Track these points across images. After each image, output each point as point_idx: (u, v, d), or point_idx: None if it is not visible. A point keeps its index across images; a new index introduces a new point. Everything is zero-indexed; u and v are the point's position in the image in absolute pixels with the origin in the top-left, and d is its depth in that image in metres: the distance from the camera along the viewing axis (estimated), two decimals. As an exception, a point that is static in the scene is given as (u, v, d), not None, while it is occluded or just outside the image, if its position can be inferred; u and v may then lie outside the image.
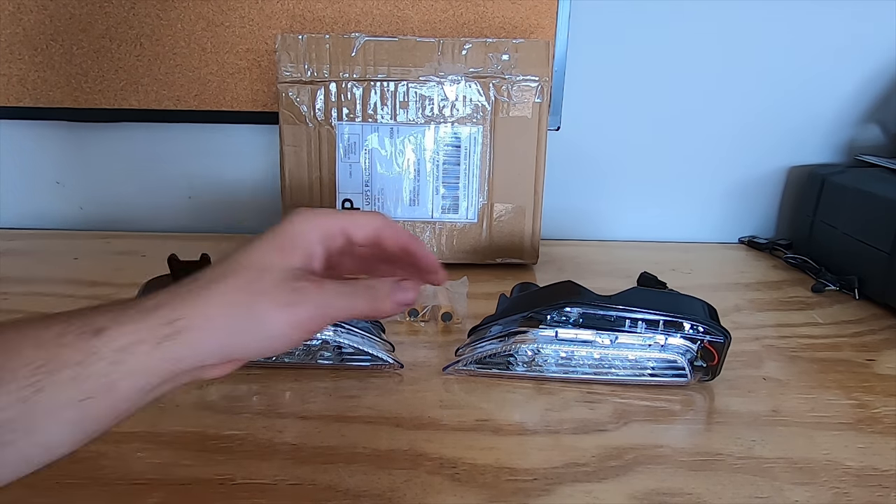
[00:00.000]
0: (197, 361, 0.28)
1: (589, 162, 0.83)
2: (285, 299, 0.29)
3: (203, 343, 0.28)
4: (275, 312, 0.28)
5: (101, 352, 0.26)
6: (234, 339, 0.28)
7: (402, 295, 0.32)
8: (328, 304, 0.30)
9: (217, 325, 0.28)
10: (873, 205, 0.64)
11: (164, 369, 0.27)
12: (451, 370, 0.47)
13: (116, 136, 0.80)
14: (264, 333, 0.28)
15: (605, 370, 0.46)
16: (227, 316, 0.28)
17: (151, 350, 0.26)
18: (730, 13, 0.76)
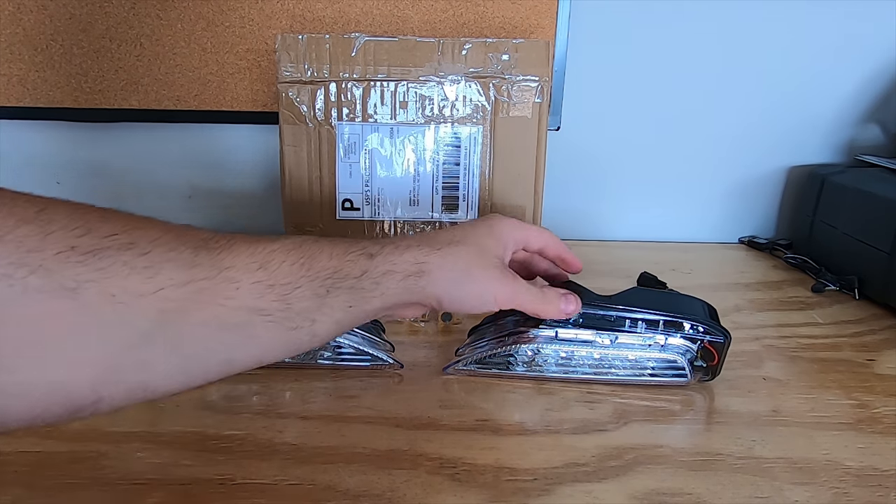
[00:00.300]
0: (420, 298, 0.36)
1: (589, 162, 0.83)
2: (496, 275, 0.38)
3: (432, 287, 0.36)
4: (487, 281, 0.38)
5: (370, 272, 0.34)
6: (451, 291, 0.37)
7: (566, 306, 0.42)
8: (518, 292, 0.40)
9: (446, 277, 0.36)
10: (873, 205, 0.64)
11: (399, 298, 0.35)
12: (452, 370, 0.47)
13: (116, 136, 0.80)
14: (474, 293, 0.38)
15: (605, 370, 0.46)
16: (455, 271, 0.37)
17: (399, 281, 0.35)
18: (730, 13, 0.76)
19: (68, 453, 0.37)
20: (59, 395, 0.25)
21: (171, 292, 0.27)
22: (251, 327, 0.29)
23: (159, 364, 0.27)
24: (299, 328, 0.31)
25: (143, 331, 0.26)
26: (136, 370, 0.27)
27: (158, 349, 0.27)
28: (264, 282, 0.30)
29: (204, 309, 0.28)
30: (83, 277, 0.25)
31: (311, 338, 0.32)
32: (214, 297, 0.28)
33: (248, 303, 0.29)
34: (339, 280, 0.33)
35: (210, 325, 0.28)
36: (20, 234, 0.24)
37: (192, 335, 0.28)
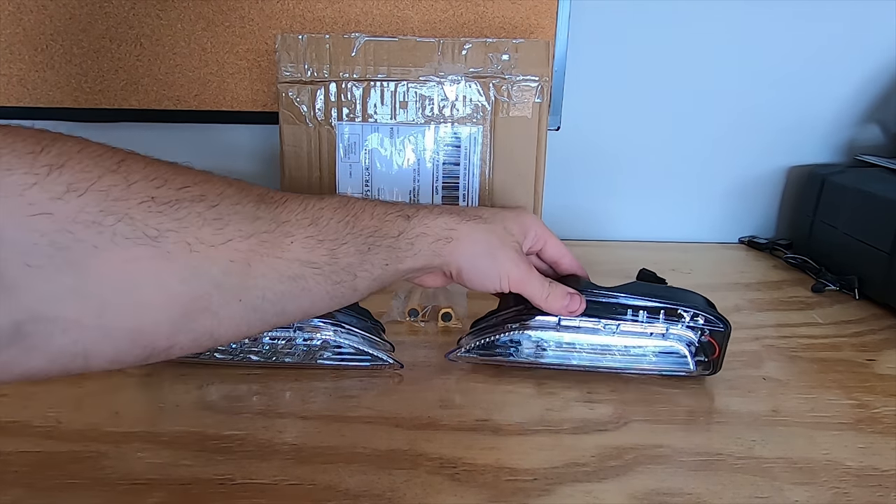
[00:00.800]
0: (443, 264, 0.39)
1: (589, 162, 0.83)
2: (513, 257, 0.40)
3: (457, 254, 0.38)
4: (503, 261, 0.40)
5: (406, 233, 0.36)
6: (471, 262, 0.39)
7: (571, 304, 0.43)
8: (530, 279, 0.41)
9: (470, 248, 0.39)
10: (873, 205, 0.64)
11: (427, 261, 0.38)
12: (454, 356, 0.47)
13: (116, 136, 0.79)
14: (490, 270, 0.40)
15: (606, 358, 0.46)
16: (479, 244, 0.39)
17: (431, 243, 0.37)
18: (730, 13, 0.76)
19: (68, 453, 0.37)
20: (140, 338, 0.28)
21: (239, 244, 0.29)
22: (303, 280, 0.32)
23: (225, 312, 0.29)
24: (343, 282, 0.34)
25: (214, 279, 0.28)
26: (207, 317, 0.29)
27: (226, 297, 0.29)
28: (315, 237, 0.32)
29: (264, 260, 0.30)
30: (164, 227, 0.27)
31: (352, 292, 0.35)
32: (273, 249, 0.30)
33: (301, 256, 0.32)
34: (380, 238, 0.35)
35: (269, 276, 0.30)
36: (106, 184, 0.26)
37: (254, 285, 0.30)
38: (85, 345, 0.26)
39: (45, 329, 0.25)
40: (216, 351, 0.46)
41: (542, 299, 0.42)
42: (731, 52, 0.78)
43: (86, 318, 0.26)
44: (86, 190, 0.25)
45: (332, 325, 0.45)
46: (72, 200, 0.25)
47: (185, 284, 0.28)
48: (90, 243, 0.25)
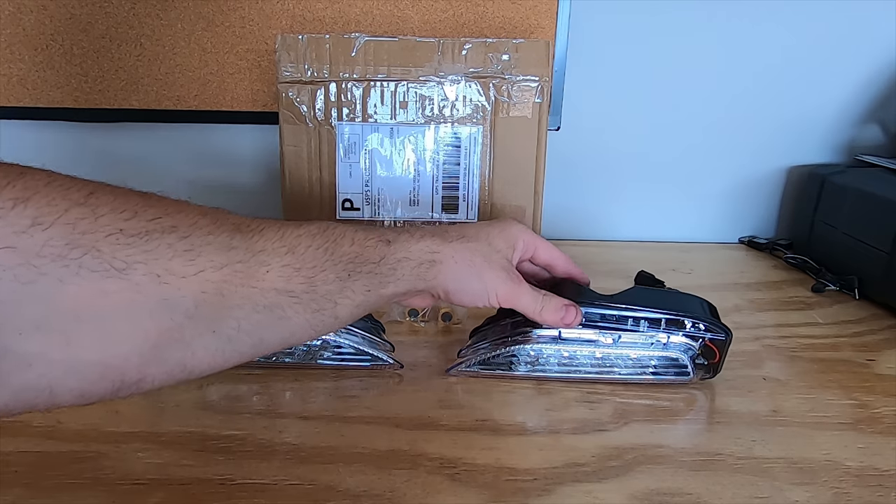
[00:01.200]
0: (428, 287, 0.38)
1: (589, 162, 0.83)
2: (501, 275, 0.40)
3: (441, 277, 0.38)
4: (491, 279, 0.40)
5: (388, 258, 0.36)
6: (457, 283, 0.39)
7: (566, 316, 0.42)
8: (521, 294, 0.41)
9: (455, 269, 0.38)
10: (873, 205, 0.64)
11: (411, 285, 0.37)
12: (455, 371, 0.47)
13: (116, 136, 0.80)
14: (478, 289, 0.40)
15: (607, 369, 0.46)
16: (463, 265, 0.39)
17: (413, 268, 0.37)
18: (730, 13, 0.76)
19: (68, 453, 0.37)
20: (109, 372, 0.27)
21: (211, 274, 0.29)
22: (280, 309, 0.31)
23: (198, 344, 0.29)
24: (323, 310, 0.33)
25: (185, 310, 0.28)
26: (178, 348, 0.28)
27: (198, 329, 0.29)
28: (292, 265, 0.32)
29: (238, 291, 0.30)
30: (132, 259, 0.26)
31: (333, 320, 0.34)
32: (248, 279, 0.30)
33: (278, 285, 0.31)
34: (360, 265, 0.35)
35: (244, 306, 0.30)
36: (73, 217, 0.25)
37: (228, 315, 0.30)
38: (50, 379, 0.26)
39: (10, 364, 0.24)
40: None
41: (535, 313, 0.42)
42: (731, 51, 0.78)
43: (52, 351, 0.25)
44: (51, 223, 0.25)
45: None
46: (36, 234, 0.24)
47: (155, 317, 0.27)
48: (55, 277, 0.25)
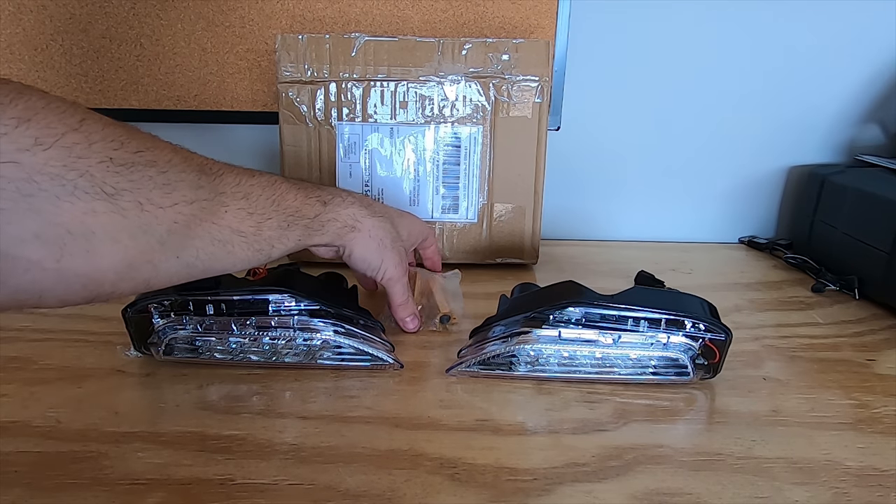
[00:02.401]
0: (341, 246, 0.46)
1: (589, 162, 0.83)
2: (396, 261, 0.49)
3: (354, 242, 0.46)
4: (389, 260, 0.48)
5: (321, 216, 0.43)
6: (364, 252, 0.47)
7: (411, 324, 0.53)
8: (399, 283, 0.50)
9: (367, 241, 0.46)
10: (873, 205, 0.64)
11: (330, 241, 0.45)
12: (455, 372, 0.47)
13: (116, 136, 0.80)
14: (375, 261, 0.48)
15: (607, 369, 0.46)
16: (375, 240, 0.47)
17: (337, 229, 0.44)
18: (730, 13, 0.76)
19: (68, 453, 0.37)
20: (90, 284, 0.30)
21: (183, 208, 0.33)
22: (230, 245, 0.36)
23: (164, 266, 0.33)
24: (262, 251, 0.38)
25: (159, 237, 0.32)
26: (148, 269, 0.32)
27: (166, 254, 0.33)
28: (245, 209, 0.37)
29: (202, 224, 0.34)
30: (120, 186, 0.30)
31: (266, 258, 0.39)
32: (211, 215, 0.35)
33: (233, 224, 0.36)
34: (299, 219, 0.41)
35: (204, 238, 0.34)
36: (69, 141, 0.28)
37: (191, 245, 0.34)
38: (42, 285, 0.29)
39: (9, 266, 0.27)
40: (216, 351, 0.46)
41: (397, 303, 0.51)
42: (731, 51, 0.78)
43: (46, 260, 0.28)
44: (51, 145, 0.27)
45: (333, 325, 0.45)
46: (38, 153, 0.27)
47: (134, 239, 0.31)
48: (52, 193, 0.27)
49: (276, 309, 0.45)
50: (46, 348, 0.50)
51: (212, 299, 0.45)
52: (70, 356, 0.48)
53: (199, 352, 0.46)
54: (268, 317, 0.45)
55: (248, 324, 0.45)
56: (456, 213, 0.69)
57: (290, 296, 0.45)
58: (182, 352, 0.46)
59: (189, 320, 0.45)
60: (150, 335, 0.46)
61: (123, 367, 0.47)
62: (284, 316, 0.45)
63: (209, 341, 0.46)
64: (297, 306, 0.45)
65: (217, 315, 0.45)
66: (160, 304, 0.45)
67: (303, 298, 0.45)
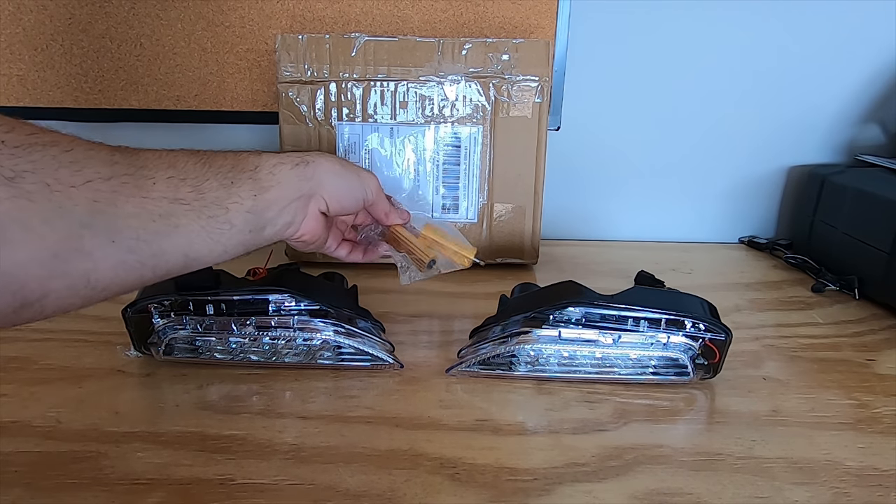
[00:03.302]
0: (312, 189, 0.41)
1: (589, 162, 0.83)
2: (366, 173, 0.45)
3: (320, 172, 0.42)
4: (366, 176, 0.45)
5: (263, 166, 0.40)
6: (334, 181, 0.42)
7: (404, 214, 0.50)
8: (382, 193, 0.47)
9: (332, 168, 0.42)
10: (873, 205, 0.64)
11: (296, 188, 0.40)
12: (455, 371, 0.47)
13: (116, 136, 0.80)
14: (353, 184, 0.44)
15: (607, 369, 0.46)
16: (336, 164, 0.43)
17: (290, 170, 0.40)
18: (729, 13, 0.76)
19: (68, 453, 0.37)
20: (9, 283, 0.27)
21: (100, 185, 0.29)
22: (174, 217, 0.33)
23: (99, 254, 0.30)
24: (216, 217, 0.35)
25: (79, 219, 0.29)
26: (79, 260, 0.29)
27: (97, 239, 0.29)
28: (176, 177, 0.34)
29: (130, 200, 0.31)
30: (19, 168, 0.27)
31: (229, 226, 0.35)
32: (138, 189, 0.31)
33: (168, 194, 0.33)
34: (239, 172, 0.38)
35: (140, 216, 0.31)
36: None
37: (125, 225, 0.30)
38: None
39: None
40: (216, 351, 0.46)
41: (386, 210, 0.48)
42: (731, 51, 0.78)
43: None
44: None
45: (333, 324, 0.45)
46: None
47: (50, 224, 0.28)
48: None
49: (276, 309, 0.45)
50: (46, 348, 0.50)
51: (212, 299, 0.45)
52: (70, 356, 0.48)
53: (199, 352, 0.46)
54: (268, 317, 0.45)
55: (248, 324, 0.45)
56: (456, 213, 0.69)
57: (290, 296, 0.45)
58: (182, 352, 0.46)
59: (189, 320, 0.45)
60: (150, 335, 0.46)
61: (123, 367, 0.47)
62: (284, 316, 0.45)
63: (209, 341, 0.46)
64: (297, 306, 0.45)
65: (217, 315, 0.45)
66: (160, 304, 0.45)
67: (303, 298, 0.45)
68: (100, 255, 0.30)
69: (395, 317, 0.57)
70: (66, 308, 0.30)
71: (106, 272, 0.30)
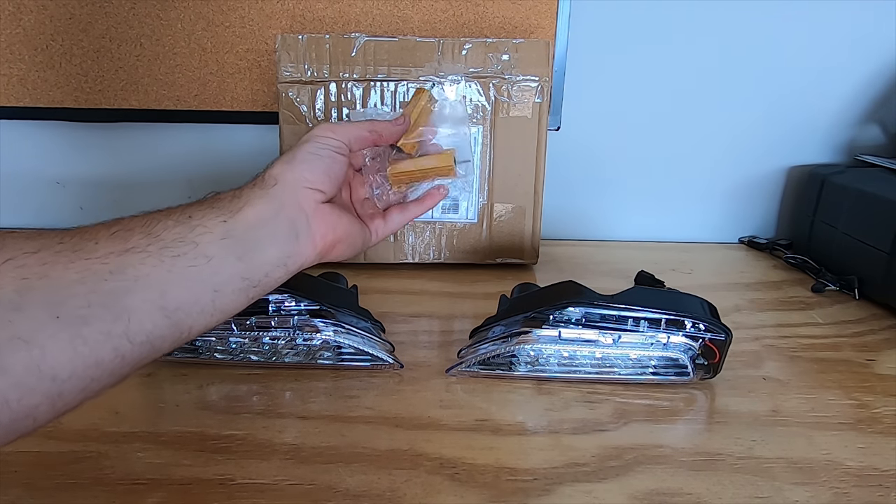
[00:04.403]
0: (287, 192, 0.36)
1: (589, 162, 0.83)
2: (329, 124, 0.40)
3: (287, 171, 0.37)
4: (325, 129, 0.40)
5: (222, 195, 0.34)
6: (305, 161, 0.38)
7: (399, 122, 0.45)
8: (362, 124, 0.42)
9: (288, 157, 0.38)
10: (873, 205, 0.64)
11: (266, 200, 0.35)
12: (455, 372, 0.47)
13: (116, 136, 0.80)
14: (325, 146, 0.39)
15: (607, 369, 0.46)
16: (291, 152, 0.38)
17: (253, 187, 0.35)
18: (730, 13, 0.76)
19: (68, 453, 0.37)
20: None
21: (25, 259, 0.26)
22: (131, 268, 0.28)
23: (44, 337, 0.25)
24: (184, 254, 0.30)
25: (8, 302, 0.24)
26: (19, 348, 0.24)
27: (36, 320, 0.25)
28: (122, 229, 0.29)
29: (71, 266, 0.26)
30: None
31: (205, 260, 0.31)
32: (78, 253, 0.27)
33: (114, 248, 0.28)
34: (196, 207, 0.33)
35: (86, 280, 0.26)
36: None
37: (69, 294, 0.26)
38: None
39: None
40: (216, 351, 0.46)
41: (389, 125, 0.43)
42: (732, 52, 0.78)
43: None
44: None
45: (333, 325, 0.45)
46: None
47: None
48: None
49: (276, 309, 0.45)
50: (46, 348, 0.49)
51: (212, 299, 0.44)
52: (70, 356, 0.48)
53: (199, 352, 0.46)
54: (268, 317, 0.45)
55: (248, 324, 0.45)
56: (456, 213, 0.69)
57: (290, 296, 0.45)
58: (182, 352, 0.46)
59: (189, 320, 0.45)
60: (150, 335, 0.46)
61: (123, 367, 0.47)
62: (284, 316, 0.45)
63: (209, 341, 0.46)
64: (297, 306, 0.45)
65: (217, 315, 0.45)
66: (160, 304, 0.45)
67: (303, 298, 0.45)
68: (44, 338, 0.25)
69: (395, 317, 0.57)
70: (31, 412, 0.26)
71: (60, 355, 0.25)
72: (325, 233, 0.37)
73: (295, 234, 0.35)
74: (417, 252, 0.70)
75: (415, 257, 0.70)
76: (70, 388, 0.26)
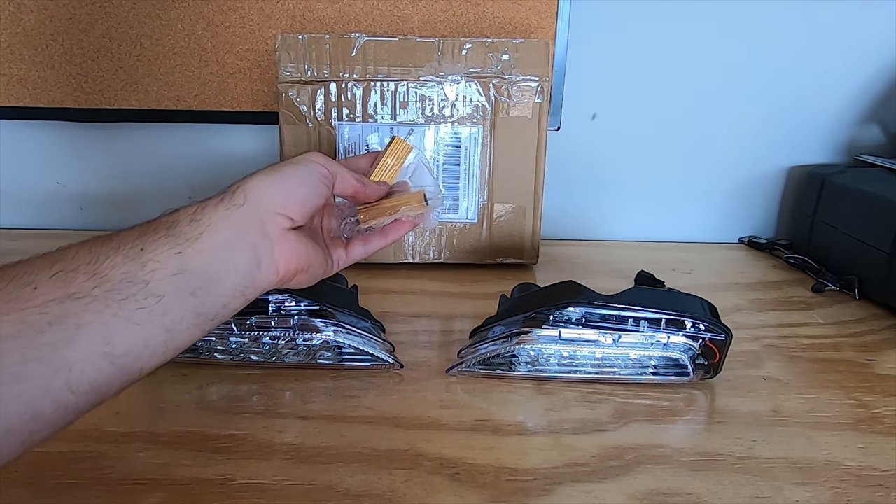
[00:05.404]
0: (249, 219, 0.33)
1: (589, 162, 0.83)
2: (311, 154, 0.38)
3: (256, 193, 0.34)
4: (305, 160, 0.38)
5: (180, 219, 0.31)
6: (276, 186, 0.35)
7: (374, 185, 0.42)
8: (338, 163, 0.40)
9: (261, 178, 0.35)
10: (873, 205, 0.64)
11: (231, 228, 0.32)
12: (455, 372, 0.47)
13: (116, 136, 0.80)
14: (301, 173, 0.37)
15: (607, 369, 0.46)
16: (266, 171, 0.36)
17: (215, 207, 0.32)
18: (730, 13, 0.76)
19: (69, 453, 0.37)
20: None
21: None
22: (73, 317, 0.26)
23: None
24: (132, 296, 0.27)
25: None
26: None
27: None
28: (64, 270, 0.27)
29: (4, 319, 0.24)
30: None
31: (155, 300, 0.28)
32: (12, 304, 0.25)
33: (54, 294, 0.26)
34: (150, 235, 0.30)
35: (22, 336, 0.24)
36: None
37: (2, 349, 0.24)
38: None
39: None
40: (216, 351, 0.46)
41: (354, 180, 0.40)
42: (732, 52, 0.78)
43: None
44: None
45: (333, 325, 0.45)
46: None
47: None
48: None
49: (276, 309, 0.45)
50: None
51: (212, 299, 0.44)
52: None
53: (199, 352, 0.46)
54: (268, 317, 0.45)
55: (248, 324, 0.45)
56: (456, 213, 0.69)
57: (290, 296, 0.45)
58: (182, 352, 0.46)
59: (189, 320, 0.45)
60: (150, 335, 0.46)
61: (123, 367, 0.47)
62: (284, 316, 0.45)
63: (209, 341, 0.46)
64: (297, 306, 0.45)
65: (217, 315, 0.45)
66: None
67: (303, 298, 0.45)
68: None
69: (395, 317, 0.57)
70: None
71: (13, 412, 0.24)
72: (288, 259, 0.35)
73: (257, 262, 0.33)
74: (417, 252, 0.70)
75: (415, 257, 0.70)
76: (7, 443, 0.24)
